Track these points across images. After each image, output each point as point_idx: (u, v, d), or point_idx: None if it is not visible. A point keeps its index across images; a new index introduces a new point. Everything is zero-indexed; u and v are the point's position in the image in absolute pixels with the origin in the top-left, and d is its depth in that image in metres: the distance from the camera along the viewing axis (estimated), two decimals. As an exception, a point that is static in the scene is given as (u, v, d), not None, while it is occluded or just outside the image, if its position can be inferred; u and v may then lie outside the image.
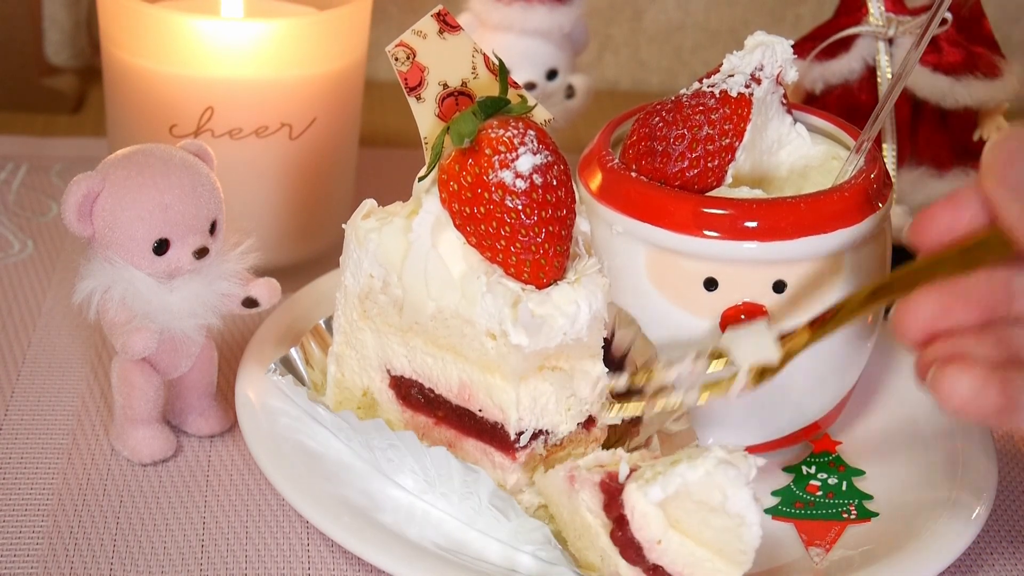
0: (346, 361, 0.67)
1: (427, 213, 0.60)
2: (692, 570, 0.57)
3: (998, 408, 0.50)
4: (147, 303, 0.65)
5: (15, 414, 0.74)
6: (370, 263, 0.63)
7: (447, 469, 0.62)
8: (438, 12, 0.62)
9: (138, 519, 0.66)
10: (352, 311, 0.66)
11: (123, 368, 0.69)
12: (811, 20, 1.22)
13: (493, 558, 0.62)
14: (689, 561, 0.57)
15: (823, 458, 0.71)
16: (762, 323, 0.61)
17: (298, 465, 0.65)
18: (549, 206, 0.58)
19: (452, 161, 0.59)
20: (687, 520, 0.56)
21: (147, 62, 0.80)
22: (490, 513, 0.62)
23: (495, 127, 0.58)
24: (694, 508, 0.56)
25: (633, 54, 1.27)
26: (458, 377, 0.63)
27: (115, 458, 0.70)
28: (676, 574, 0.57)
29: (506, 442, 0.62)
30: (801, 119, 0.73)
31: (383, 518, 0.63)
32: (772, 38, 0.68)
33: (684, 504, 0.56)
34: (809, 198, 0.65)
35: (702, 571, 0.57)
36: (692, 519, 0.56)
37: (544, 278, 0.59)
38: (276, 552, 0.65)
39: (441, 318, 0.61)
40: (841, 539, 0.65)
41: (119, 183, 0.65)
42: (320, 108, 0.83)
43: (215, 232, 0.67)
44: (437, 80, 0.62)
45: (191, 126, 0.81)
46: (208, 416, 0.72)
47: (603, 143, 0.70)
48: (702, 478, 0.55)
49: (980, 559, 0.67)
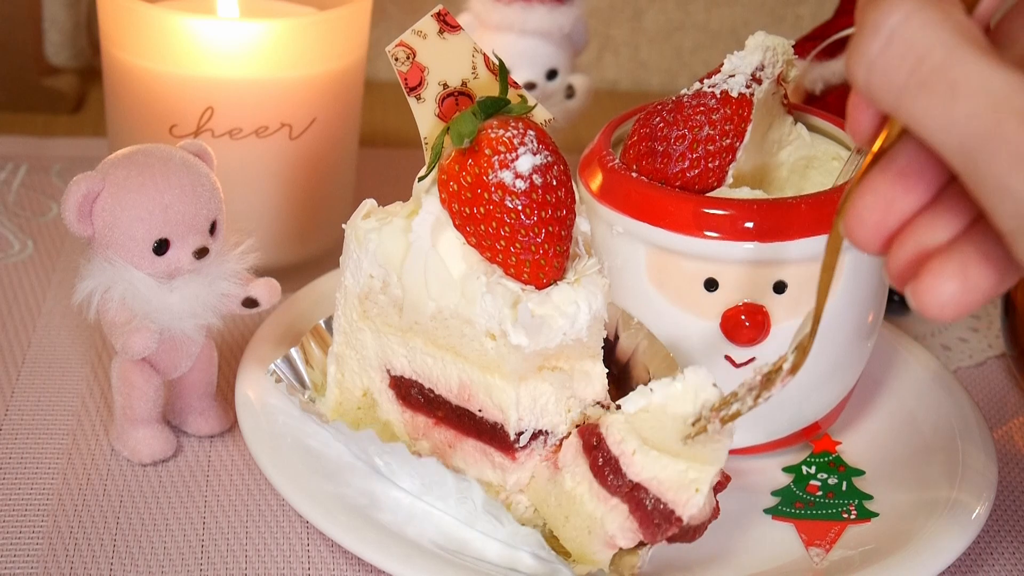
0: (346, 361, 0.67)
1: (427, 213, 0.60)
2: (669, 482, 0.57)
3: (993, 284, 0.43)
4: (147, 303, 0.65)
5: (15, 414, 0.74)
6: (370, 263, 0.63)
7: (441, 476, 0.62)
8: (438, 12, 0.62)
9: (138, 519, 0.66)
10: (352, 311, 0.66)
11: (123, 368, 0.69)
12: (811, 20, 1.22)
13: (493, 557, 0.62)
14: (666, 474, 0.57)
15: (823, 458, 0.71)
16: None
17: (298, 465, 0.65)
18: (549, 206, 0.58)
19: (452, 161, 0.59)
20: (660, 435, 0.58)
21: (147, 62, 0.80)
22: (486, 517, 0.62)
23: (495, 127, 0.58)
24: (668, 422, 0.58)
25: (633, 54, 1.27)
26: (458, 377, 0.63)
27: (115, 458, 0.70)
28: (654, 490, 0.57)
29: (506, 442, 0.62)
30: (801, 119, 0.73)
31: (383, 518, 0.63)
32: (772, 38, 0.68)
33: (658, 420, 0.58)
34: (809, 198, 0.65)
35: (679, 479, 0.57)
36: (665, 434, 0.58)
37: (544, 278, 0.59)
38: (276, 552, 0.65)
39: (441, 318, 0.61)
40: (841, 539, 0.65)
41: (119, 183, 0.65)
42: (320, 108, 0.83)
43: (215, 232, 0.67)
44: (437, 80, 0.62)
45: (191, 126, 0.81)
46: (208, 416, 0.72)
47: (603, 143, 0.70)
48: (671, 390, 0.58)
49: (980, 559, 0.67)
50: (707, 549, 0.64)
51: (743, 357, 0.66)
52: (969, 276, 0.43)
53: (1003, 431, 0.78)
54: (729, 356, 0.66)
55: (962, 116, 0.39)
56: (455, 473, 0.61)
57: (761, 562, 0.64)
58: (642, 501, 0.58)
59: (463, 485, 0.61)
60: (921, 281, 0.44)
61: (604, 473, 0.59)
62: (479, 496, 0.61)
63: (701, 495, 0.56)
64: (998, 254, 0.43)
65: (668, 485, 0.57)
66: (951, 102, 0.40)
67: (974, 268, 0.43)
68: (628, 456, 0.58)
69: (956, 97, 0.39)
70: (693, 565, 0.63)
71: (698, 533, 0.59)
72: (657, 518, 0.57)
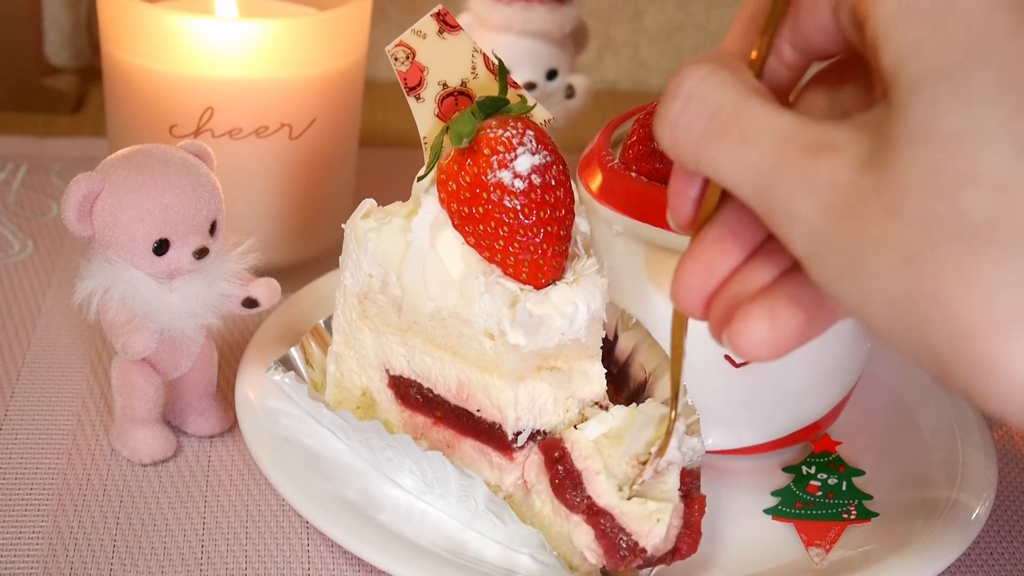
0: (345, 361, 0.67)
1: (426, 213, 0.60)
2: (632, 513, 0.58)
3: (802, 323, 0.45)
4: (147, 303, 0.65)
5: (15, 414, 0.74)
6: (369, 263, 0.63)
7: (443, 472, 0.62)
8: (438, 12, 0.62)
9: (138, 519, 0.66)
10: (351, 311, 0.66)
11: (123, 368, 0.69)
12: (811, 20, 1.22)
13: (492, 558, 0.62)
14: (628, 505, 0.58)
15: (823, 458, 0.71)
16: None
17: (298, 465, 0.65)
18: (547, 206, 0.58)
19: (451, 161, 0.59)
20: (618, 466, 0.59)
21: (147, 62, 0.80)
22: (487, 517, 0.62)
23: (494, 127, 0.58)
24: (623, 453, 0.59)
25: (633, 54, 1.27)
26: (456, 377, 0.63)
27: (115, 458, 0.70)
28: (618, 519, 0.58)
29: (504, 442, 0.62)
30: (801, 119, 0.73)
31: (383, 518, 0.63)
32: (772, 38, 0.68)
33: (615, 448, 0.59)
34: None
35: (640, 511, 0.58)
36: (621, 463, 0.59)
37: (542, 278, 0.59)
38: (276, 552, 0.65)
39: (439, 318, 0.61)
40: (841, 539, 0.65)
41: (119, 183, 0.65)
42: (320, 108, 0.83)
43: (215, 232, 0.67)
44: (437, 80, 0.62)
45: (191, 126, 0.81)
46: (208, 416, 0.72)
47: (603, 143, 0.70)
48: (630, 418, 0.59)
49: (980, 559, 0.67)
50: (707, 549, 0.64)
51: (742, 357, 0.66)
52: (778, 316, 0.45)
53: (1003, 431, 0.78)
54: (729, 356, 0.66)
55: (753, 157, 0.42)
56: (459, 469, 0.61)
57: (761, 562, 0.64)
58: (605, 529, 0.58)
59: (466, 482, 0.61)
60: (733, 324, 0.46)
61: (564, 488, 0.59)
62: (482, 494, 0.61)
63: (663, 524, 0.57)
64: (805, 295, 0.45)
65: (631, 516, 0.58)
66: (742, 145, 0.43)
67: (783, 309, 0.45)
68: (592, 474, 0.59)
69: (745, 140, 0.43)
70: (693, 565, 0.63)
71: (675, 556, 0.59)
72: (623, 550, 0.58)
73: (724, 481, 0.70)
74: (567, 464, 0.59)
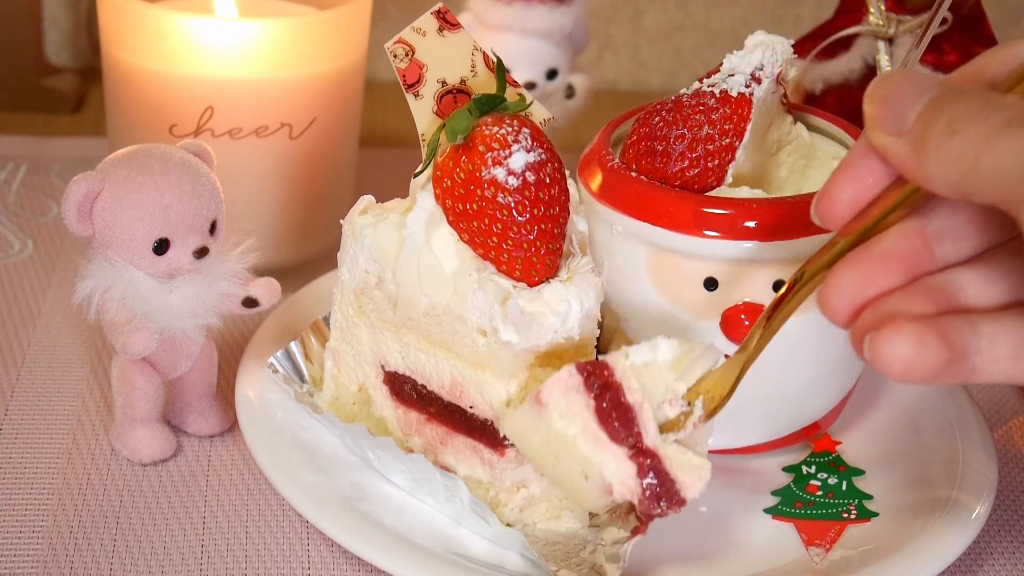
0: (342, 357, 0.67)
1: (421, 209, 0.60)
2: (679, 462, 0.56)
3: (943, 362, 0.47)
4: (147, 303, 0.65)
5: (15, 414, 0.74)
6: (365, 258, 0.63)
7: (429, 473, 0.62)
8: (437, 10, 0.62)
9: (138, 519, 0.66)
10: (348, 306, 0.66)
11: (123, 368, 0.69)
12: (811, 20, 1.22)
13: (482, 555, 0.62)
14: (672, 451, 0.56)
15: (823, 458, 0.71)
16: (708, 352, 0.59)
17: (298, 465, 0.65)
18: (541, 204, 0.58)
19: (446, 157, 0.59)
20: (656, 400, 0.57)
21: (147, 62, 0.80)
22: (473, 516, 0.62)
23: (489, 124, 0.58)
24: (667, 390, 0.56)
25: (633, 54, 1.27)
26: (450, 374, 0.63)
27: (115, 458, 0.70)
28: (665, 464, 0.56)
29: (495, 439, 0.62)
30: (801, 119, 0.73)
31: (384, 517, 0.63)
32: (772, 38, 0.68)
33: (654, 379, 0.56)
34: (809, 198, 0.64)
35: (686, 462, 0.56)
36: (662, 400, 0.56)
37: (536, 275, 0.59)
38: (276, 552, 0.65)
39: (433, 314, 0.61)
40: (841, 539, 0.65)
41: (119, 183, 0.65)
42: (320, 108, 0.83)
43: (215, 232, 0.67)
44: (436, 77, 0.62)
45: (191, 126, 0.81)
46: (208, 416, 0.72)
47: (603, 143, 0.70)
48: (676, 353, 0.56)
49: (980, 559, 0.67)
50: (707, 549, 0.64)
51: (743, 357, 0.66)
52: (925, 344, 0.47)
53: (1003, 431, 0.78)
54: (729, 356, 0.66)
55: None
56: (442, 471, 0.62)
57: (761, 562, 0.64)
58: (651, 471, 0.56)
59: (450, 483, 0.61)
60: (882, 331, 0.47)
61: (610, 419, 0.56)
62: (465, 495, 0.61)
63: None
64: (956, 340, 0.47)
65: (674, 463, 0.56)
66: None
67: (932, 342, 0.47)
68: (642, 411, 0.56)
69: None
70: (693, 565, 0.63)
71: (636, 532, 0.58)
72: (664, 494, 0.56)
73: (724, 481, 0.70)
74: (616, 394, 0.56)
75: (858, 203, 0.51)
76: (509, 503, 0.64)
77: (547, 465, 0.59)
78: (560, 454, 0.58)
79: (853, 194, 0.50)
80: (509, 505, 0.64)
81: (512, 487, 0.63)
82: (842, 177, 0.51)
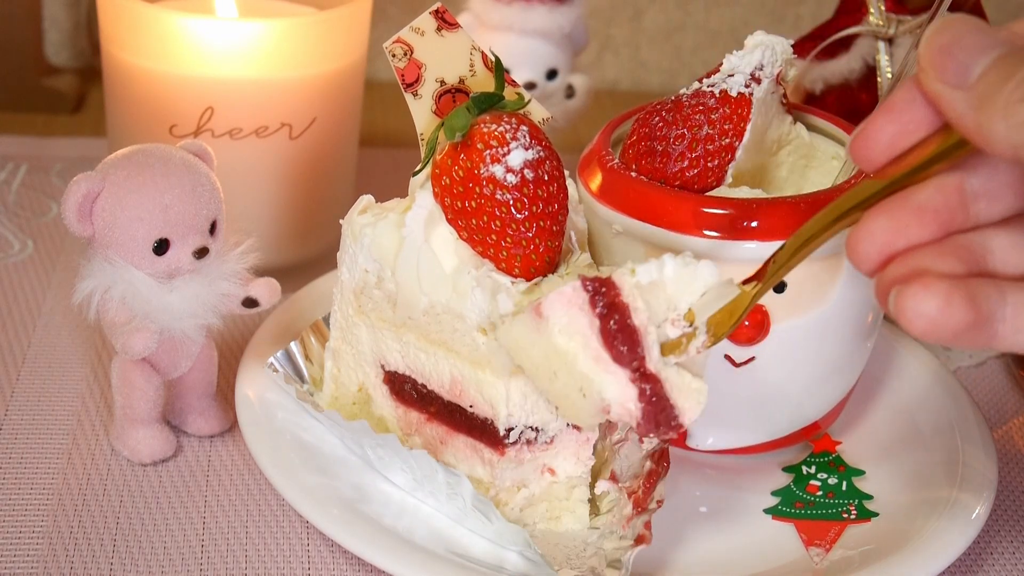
0: (342, 356, 0.67)
1: (420, 208, 0.61)
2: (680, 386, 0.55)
3: (967, 324, 0.46)
4: (147, 303, 0.65)
5: (15, 414, 0.74)
6: (365, 258, 0.63)
7: (431, 470, 0.62)
8: (436, 9, 0.62)
9: (138, 519, 0.66)
10: (348, 306, 0.66)
11: (123, 368, 0.69)
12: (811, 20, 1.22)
13: (482, 555, 0.62)
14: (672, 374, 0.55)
15: (823, 458, 0.71)
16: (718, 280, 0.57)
17: (298, 465, 0.65)
18: (540, 201, 0.58)
19: (445, 155, 0.59)
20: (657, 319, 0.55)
21: (147, 62, 0.80)
22: (475, 514, 0.62)
23: (488, 122, 0.58)
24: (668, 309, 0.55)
25: (633, 54, 1.27)
26: (450, 373, 0.63)
27: (115, 458, 0.70)
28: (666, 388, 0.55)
29: (495, 438, 0.62)
30: (800, 119, 0.73)
31: (384, 518, 0.63)
32: (772, 38, 0.68)
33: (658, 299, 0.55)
34: (809, 198, 0.65)
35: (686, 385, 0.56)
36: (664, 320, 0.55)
37: (534, 273, 0.59)
38: (276, 552, 0.65)
39: (433, 313, 0.61)
40: (841, 539, 0.65)
41: (119, 183, 0.65)
42: (320, 108, 0.83)
43: (215, 232, 0.67)
44: (434, 77, 0.62)
45: (191, 126, 0.81)
46: (208, 416, 0.72)
47: (603, 143, 0.70)
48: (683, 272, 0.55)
49: (980, 559, 0.67)
50: (707, 549, 0.64)
51: (743, 356, 0.66)
52: (952, 304, 0.46)
53: (1003, 431, 0.78)
54: (729, 355, 0.66)
55: None
56: (445, 467, 0.61)
57: (761, 562, 0.64)
58: (650, 395, 0.55)
59: (452, 480, 0.61)
60: (911, 286, 0.46)
61: (615, 341, 0.55)
62: (468, 492, 0.61)
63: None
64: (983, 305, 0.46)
65: (678, 389, 0.55)
66: None
67: (959, 302, 0.46)
68: (647, 336, 0.55)
69: None
70: (693, 565, 0.63)
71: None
72: (663, 419, 0.56)
73: (724, 481, 0.70)
74: (623, 316, 0.55)
75: (895, 147, 0.49)
76: (509, 503, 0.64)
77: (543, 379, 0.58)
78: (558, 369, 0.57)
79: (892, 137, 0.49)
80: (509, 505, 0.64)
81: (512, 487, 0.63)
82: (882, 119, 0.49)
